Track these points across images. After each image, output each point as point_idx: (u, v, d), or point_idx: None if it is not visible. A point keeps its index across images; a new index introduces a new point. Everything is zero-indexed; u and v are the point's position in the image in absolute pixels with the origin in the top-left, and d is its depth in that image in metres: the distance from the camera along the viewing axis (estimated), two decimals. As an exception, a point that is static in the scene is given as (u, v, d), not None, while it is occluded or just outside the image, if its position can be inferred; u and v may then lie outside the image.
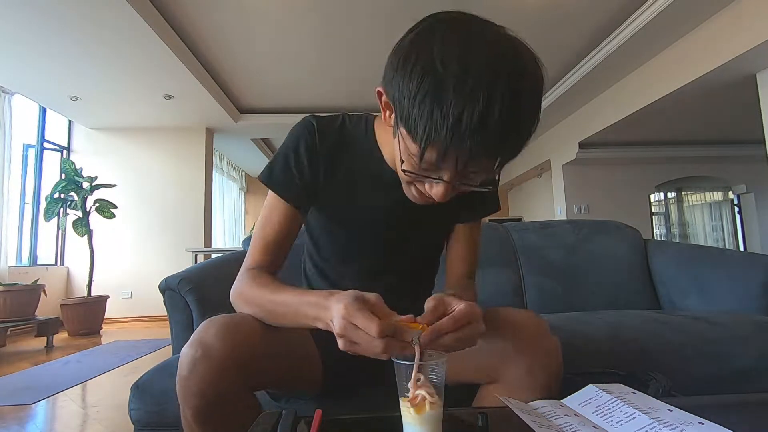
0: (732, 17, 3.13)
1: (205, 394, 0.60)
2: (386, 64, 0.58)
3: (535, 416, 0.51)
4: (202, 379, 0.59)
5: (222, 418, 0.62)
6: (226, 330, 0.62)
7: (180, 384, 0.61)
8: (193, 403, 0.60)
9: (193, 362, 0.60)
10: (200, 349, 0.60)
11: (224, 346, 0.61)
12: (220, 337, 0.61)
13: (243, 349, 0.62)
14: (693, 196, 8.25)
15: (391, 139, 0.62)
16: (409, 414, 0.48)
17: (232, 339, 0.62)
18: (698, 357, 1.11)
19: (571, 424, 0.49)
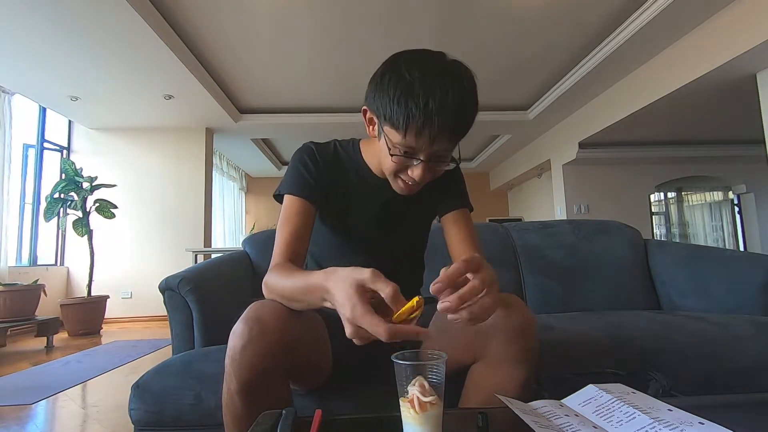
0: (732, 17, 3.13)
1: (256, 368, 0.64)
2: (367, 90, 0.77)
3: (535, 416, 0.51)
4: (256, 354, 0.64)
5: (264, 396, 0.66)
6: (279, 312, 0.68)
7: (232, 357, 0.65)
8: (241, 377, 0.64)
9: (250, 337, 0.64)
10: (257, 326, 0.65)
11: (279, 324, 0.66)
12: (274, 316, 0.66)
13: (293, 330, 0.68)
14: (693, 196, 8.24)
15: (376, 153, 0.85)
16: (409, 414, 0.48)
17: (285, 320, 0.67)
18: (698, 357, 1.11)
19: (571, 424, 0.49)
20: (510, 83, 4.69)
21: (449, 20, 3.38)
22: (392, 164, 0.75)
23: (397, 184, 0.80)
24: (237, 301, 0.75)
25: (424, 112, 0.66)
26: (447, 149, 0.73)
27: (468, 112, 0.71)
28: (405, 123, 0.68)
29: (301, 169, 0.86)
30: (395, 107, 0.68)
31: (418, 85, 0.67)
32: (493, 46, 3.80)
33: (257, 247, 1.56)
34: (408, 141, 0.70)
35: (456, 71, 0.71)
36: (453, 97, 0.68)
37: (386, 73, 0.72)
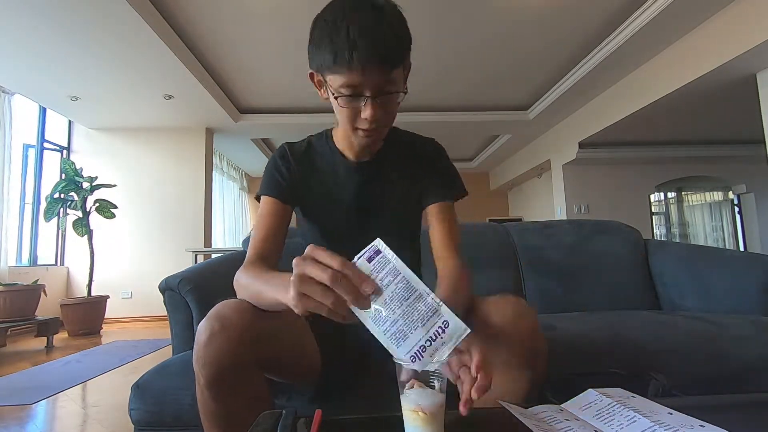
0: (732, 17, 3.13)
1: (220, 363, 0.65)
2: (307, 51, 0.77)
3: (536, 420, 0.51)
4: (218, 350, 0.64)
5: (233, 389, 0.67)
6: (242, 308, 0.68)
7: (197, 353, 0.66)
8: (208, 372, 0.65)
9: (211, 333, 0.65)
10: (218, 322, 0.66)
11: (240, 319, 0.66)
12: (236, 312, 0.67)
13: (256, 324, 0.67)
14: (693, 196, 8.24)
15: (341, 137, 0.89)
16: (411, 414, 0.48)
17: (247, 315, 0.67)
18: (698, 357, 1.11)
19: (572, 428, 0.49)
20: (510, 83, 4.69)
21: (449, 20, 3.38)
22: (344, 113, 0.75)
23: (358, 137, 0.79)
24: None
25: (347, 43, 0.67)
26: (387, 80, 0.72)
27: (393, 34, 0.70)
28: (335, 60, 0.68)
29: (273, 171, 0.89)
30: (324, 53, 0.69)
31: (339, 21, 0.68)
32: (493, 46, 3.80)
33: (257, 247, 1.56)
34: (346, 78, 0.70)
35: (374, 2, 0.71)
36: (374, 23, 0.68)
37: (314, 26, 0.74)
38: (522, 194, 8.66)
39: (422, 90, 4.69)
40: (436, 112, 5.32)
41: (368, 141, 0.80)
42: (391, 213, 0.92)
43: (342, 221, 0.90)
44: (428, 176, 0.92)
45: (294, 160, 0.90)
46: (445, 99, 5.05)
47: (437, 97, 4.96)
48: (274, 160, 0.91)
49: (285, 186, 0.87)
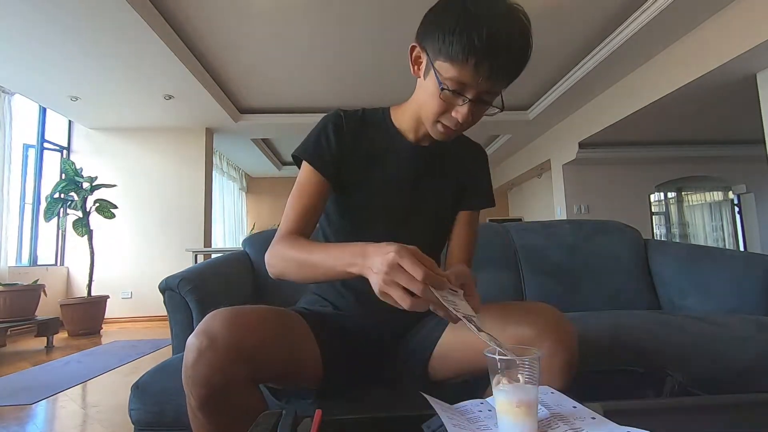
0: (732, 17, 3.13)
1: (210, 383, 0.61)
2: (420, 25, 0.76)
3: (451, 412, 0.52)
4: (207, 368, 0.61)
5: (226, 408, 0.63)
6: (231, 321, 0.64)
7: (185, 373, 0.62)
8: (198, 392, 0.62)
9: (199, 351, 0.61)
10: (206, 339, 0.62)
11: (229, 336, 0.62)
12: (225, 327, 0.63)
13: (247, 339, 0.64)
14: (693, 196, 8.24)
15: (408, 114, 0.86)
16: (510, 409, 0.47)
17: (237, 330, 0.64)
18: (698, 357, 1.11)
19: (480, 418, 0.53)
20: (510, 83, 4.69)
21: (449, 20, 3.37)
22: (438, 104, 0.73)
23: (437, 129, 0.78)
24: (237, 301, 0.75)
25: (487, 45, 0.65)
26: (496, 91, 0.72)
27: (527, 54, 0.70)
28: (465, 54, 0.66)
29: (323, 140, 0.85)
30: (455, 38, 0.66)
31: (484, 18, 0.66)
32: (493, 46, 3.79)
33: (257, 247, 1.56)
34: (462, 75, 0.68)
35: (519, 14, 0.70)
36: (516, 36, 0.67)
37: (448, 5, 0.70)
38: (522, 194, 8.66)
39: (422, 90, 4.69)
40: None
41: (441, 138, 0.79)
42: (434, 206, 0.91)
43: (381, 201, 0.87)
44: (472, 181, 0.93)
45: (347, 129, 0.86)
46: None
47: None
48: (327, 126, 0.86)
49: (333, 161, 0.84)
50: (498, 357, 0.49)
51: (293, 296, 1.09)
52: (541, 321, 0.70)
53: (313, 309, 0.91)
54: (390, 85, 4.53)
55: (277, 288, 1.45)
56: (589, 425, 0.49)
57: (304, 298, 0.98)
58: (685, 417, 0.58)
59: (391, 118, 0.89)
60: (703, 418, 0.57)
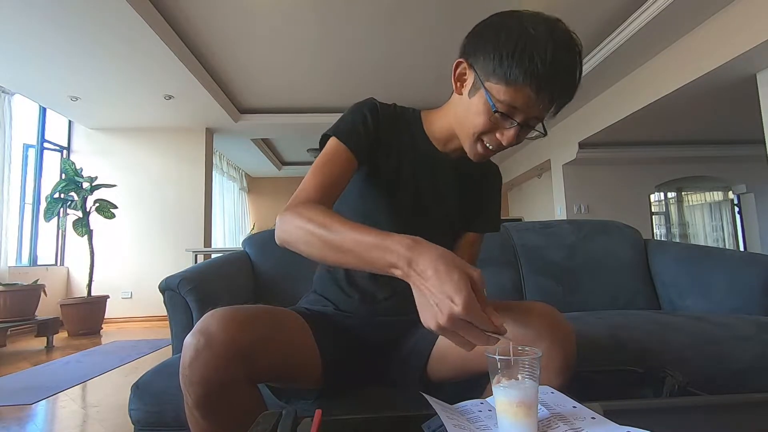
0: (732, 17, 3.13)
1: (207, 382, 0.61)
2: (467, 42, 0.74)
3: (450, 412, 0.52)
4: (204, 368, 0.60)
5: (224, 408, 0.63)
6: (228, 320, 0.64)
7: (182, 372, 0.62)
8: (195, 392, 0.61)
9: (196, 351, 0.61)
10: (203, 338, 0.62)
11: (227, 335, 0.62)
12: (222, 326, 0.62)
13: (245, 339, 0.64)
14: (693, 196, 8.25)
15: (444, 121, 0.83)
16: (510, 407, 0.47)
17: (235, 329, 0.63)
18: (698, 357, 1.11)
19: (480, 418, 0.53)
20: (510, 83, 4.68)
21: (450, 20, 3.38)
22: (485, 124, 0.71)
23: (476, 149, 0.76)
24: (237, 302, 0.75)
25: (550, 71, 0.64)
26: (545, 115, 0.71)
27: (579, 80, 0.69)
28: (526, 79, 0.64)
29: (358, 121, 0.81)
30: (514, 61, 0.64)
31: (546, 43, 0.64)
32: (493, 46, 3.80)
33: (257, 247, 1.56)
34: (517, 99, 0.67)
35: (576, 37, 0.69)
36: (574, 62, 0.67)
37: (504, 25, 0.68)
38: (522, 194, 8.66)
39: (423, 90, 4.69)
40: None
41: (479, 159, 0.78)
42: (445, 217, 0.90)
43: (395, 201, 0.84)
44: (484, 202, 0.93)
45: (382, 117, 0.84)
46: (445, 98, 5.04)
47: (438, 98, 4.95)
48: (362, 109, 0.83)
49: (365, 142, 0.80)
50: (498, 357, 0.49)
51: (294, 296, 1.09)
52: (538, 321, 0.70)
53: (314, 309, 0.91)
54: (391, 85, 4.53)
55: (278, 288, 1.46)
56: (589, 425, 0.49)
57: (305, 298, 0.98)
58: (685, 417, 0.58)
59: (422, 123, 0.88)
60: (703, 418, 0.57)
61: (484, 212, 0.94)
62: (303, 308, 0.91)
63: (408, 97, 4.85)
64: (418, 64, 4.12)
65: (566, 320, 0.72)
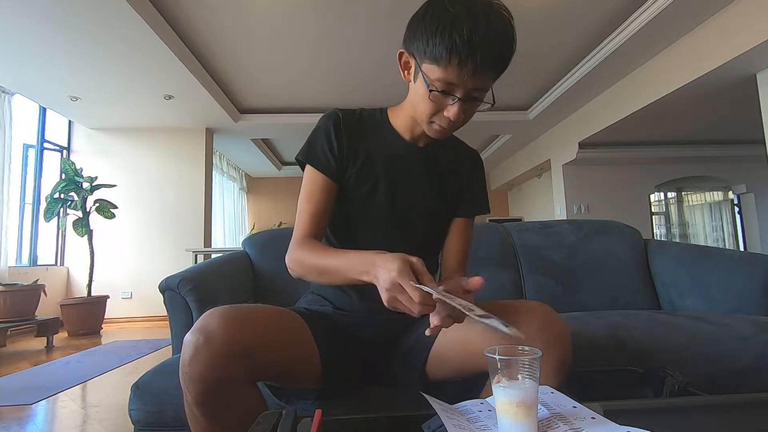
0: (732, 17, 3.13)
1: (206, 380, 0.62)
2: (406, 31, 0.76)
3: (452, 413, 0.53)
4: (203, 366, 0.61)
5: (223, 405, 0.64)
6: (228, 318, 0.65)
7: (182, 370, 0.63)
8: (194, 389, 0.62)
9: (196, 348, 0.62)
10: (202, 336, 0.63)
11: (226, 333, 0.63)
12: (222, 324, 0.64)
13: (244, 337, 0.65)
14: (693, 196, 8.25)
15: (405, 114, 0.87)
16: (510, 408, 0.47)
17: (234, 327, 0.64)
18: (698, 357, 1.11)
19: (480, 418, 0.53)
20: (510, 83, 4.68)
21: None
22: (429, 105, 0.75)
23: (432, 128, 0.79)
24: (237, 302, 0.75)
25: (468, 43, 0.67)
26: (484, 87, 0.74)
27: (509, 49, 0.72)
28: (448, 54, 0.68)
29: (323, 140, 0.86)
30: (438, 39, 0.68)
31: (463, 18, 0.67)
32: (493, 46, 3.80)
33: (257, 247, 1.56)
34: (448, 75, 0.70)
35: (499, 10, 0.72)
36: (497, 32, 0.69)
37: (428, 10, 0.72)
38: (522, 194, 8.67)
39: (422, 90, 4.69)
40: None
41: (438, 136, 0.80)
42: (432, 207, 0.91)
43: (379, 201, 0.87)
44: (467, 186, 0.94)
45: (346, 129, 0.87)
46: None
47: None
48: (326, 125, 0.88)
49: (335, 161, 0.85)
50: (498, 357, 0.49)
51: (293, 296, 1.09)
52: (534, 319, 0.70)
53: (312, 309, 0.91)
54: (391, 85, 4.53)
55: (277, 288, 1.46)
56: (589, 425, 0.49)
57: (304, 298, 0.98)
58: (685, 417, 0.58)
59: (389, 119, 0.90)
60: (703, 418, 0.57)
61: (467, 196, 0.94)
62: (302, 308, 0.91)
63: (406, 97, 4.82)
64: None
65: (562, 319, 0.72)
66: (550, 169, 6.45)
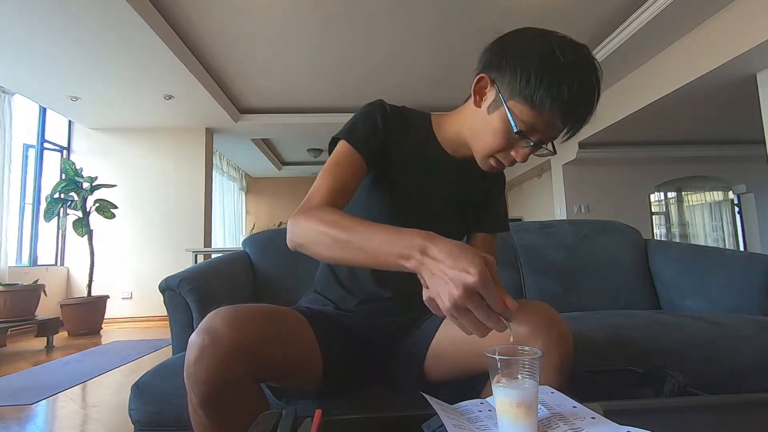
0: (732, 17, 3.13)
1: (212, 380, 0.61)
2: (491, 55, 0.73)
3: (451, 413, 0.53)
4: (209, 366, 0.61)
5: (228, 406, 0.63)
6: (233, 319, 0.64)
7: (187, 371, 0.62)
8: (200, 390, 0.62)
9: (201, 349, 0.61)
10: (208, 336, 0.62)
11: (232, 333, 0.63)
12: (227, 325, 0.63)
13: (249, 337, 0.64)
14: (693, 196, 8.25)
15: (450, 131, 0.84)
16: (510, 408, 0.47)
17: (239, 328, 0.64)
18: (698, 357, 1.11)
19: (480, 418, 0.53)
20: (510, 83, 4.68)
21: (450, 20, 3.38)
22: (500, 142, 0.72)
23: (488, 163, 0.77)
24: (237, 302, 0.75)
25: (575, 99, 0.66)
26: (558, 136, 0.73)
27: (597, 103, 0.72)
28: (551, 104, 0.66)
29: (369, 124, 0.82)
30: (542, 85, 0.65)
31: (572, 69, 0.66)
32: (493, 46, 3.80)
33: (257, 247, 1.56)
34: (539, 121, 0.68)
35: (597, 66, 0.71)
36: (593, 87, 0.69)
37: (533, 46, 0.68)
38: (522, 194, 8.66)
39: (422, 90, 4.69)
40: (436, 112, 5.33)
41: (491, 171, 0.79)
42: (451, 221, 0.90)
43: (400, 204, 0.85)
44: (490, 203, 0.94)
45: (393, 119, 0.84)
46: (445, 99, 5.05)
47: (437, 97, 4.96)
48: (372, 110, 0.83)
49: (375, 147, 0.81)
50: (498, 357, 0.49)
51: (293, 296, 1.09)
52: (535, 319, 0.69)
53: (313, 308, 0.91)
54: (392, 85, 4.53)
55: (277, 288, 1.46)
56: (589, 425, 0.49)
57: (305, 297, 0.98)
58: (685, 417, 0.58)
59: (432, 127, 0.88)
60: (703, 418, 0.57)
61: (491, 211, 0.94)
62: (303, 307, 0.91)
63: (407, 98, 4.84)
64: (418, 64, 4.12)
65: (562, 319, 0.72)
66: (550, 169, 6.45)
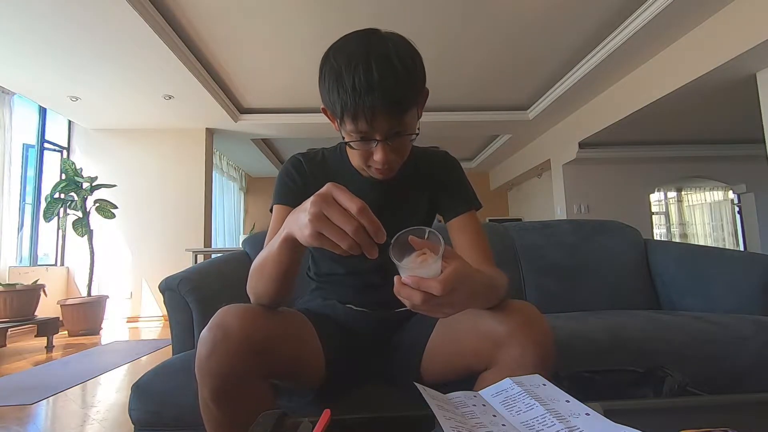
0: (732, 17, 3.13)
1: (223, 374, 0.63)
2: None
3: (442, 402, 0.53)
4: (221, 360, 0.63)
5: (238, 400, 0.65)
6: (244, 315, 0.66)
7: (199, 365, 0.64)
8: (211, 384, 0.63)
9: (213, 343, 0.63)
10: (220, 331, 0.64)
11: (243, 329, 0.64)
12: (239, 320, 0.65)
13: (260, 333, 0.66)
14: (693, 196, 8.26)
15: None
16: None
17: (251, 323, 0.65)
18: (698, 357, 1.11)
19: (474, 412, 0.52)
20: (510, 83, 4.69)
21: (450, 20, 3.38)
22: (355, 154, 0.76)
23: (371, 172, 0.79)
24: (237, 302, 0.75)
25: (352, 96, 0.66)
26: (396, 125, 0.71)
27: (402, 81, 0.68)
28: (342, 110, 0.68)
29: (287, 180, 0.87)
30: (333, 98, 0.69)
31: (344, 70, 0.67)
32: (493, 46, 3.80)
33: (257, 247, 1.56)
34: (354, 127, 0.70)
35: (381, 47, 0.69)
36: (378, 74, 0.66)
37: (322, 67, 0.72)
38: (522, 194, 8.66)
39: (422, 90, 4.69)
40: (436, 112, 5.32)
41: (382, 177, 0.79)
42: (401, 226, 0.88)
43: None
44: (444, 192, 0.91)
45: (308, 169, 0.88)
46: (445, 99, 5.05)
47: (437, 97, 4.96)
48: (287, 168, 0.88)
49: (298, 193, 0.84)
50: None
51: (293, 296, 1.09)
52: (512, 318, 0.69)
53: (311, 309, 0.91)
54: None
55: (277, 288, 1.45)
56: (584, 422, 0.49)
57: (301, 299, 0.99)
58: (685, 417, 0.58)
59: (347, 155, 0.88)
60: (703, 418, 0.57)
61: (452, 197, 0.90)
62: (304, 308, 0.91)
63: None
64: (418, 64, 4.11)
65: (545, 319, 0.71)
66: (550, 169, 6.45)
